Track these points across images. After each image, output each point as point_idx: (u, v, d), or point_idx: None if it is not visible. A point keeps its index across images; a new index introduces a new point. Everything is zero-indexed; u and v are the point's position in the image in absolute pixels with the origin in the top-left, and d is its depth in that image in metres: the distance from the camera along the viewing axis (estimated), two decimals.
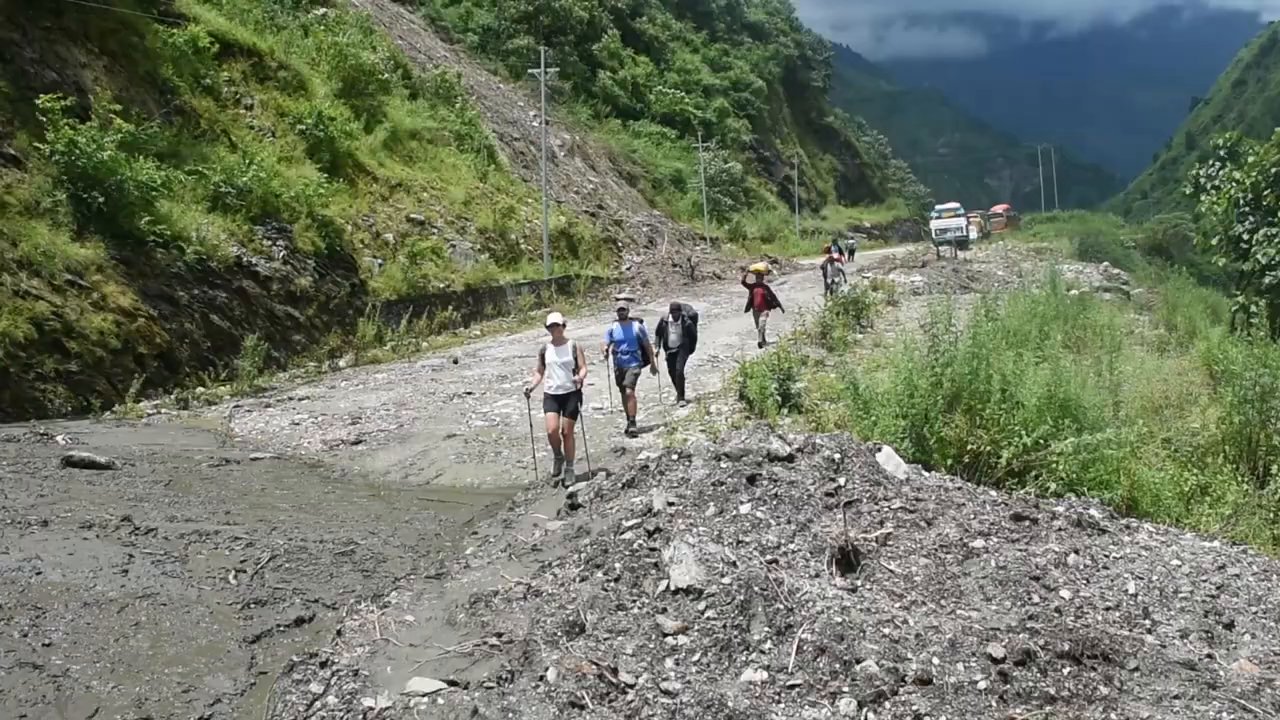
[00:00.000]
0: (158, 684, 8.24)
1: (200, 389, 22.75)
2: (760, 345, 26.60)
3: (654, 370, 19.39)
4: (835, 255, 39.51)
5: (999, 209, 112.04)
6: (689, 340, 21.34)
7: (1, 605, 8.99)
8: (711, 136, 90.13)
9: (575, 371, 15.00)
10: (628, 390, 18.58)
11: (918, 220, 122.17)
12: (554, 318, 15.52)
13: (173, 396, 21.85)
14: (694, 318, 21.82)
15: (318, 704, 7.68)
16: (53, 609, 9.14)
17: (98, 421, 19.25)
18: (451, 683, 7.62)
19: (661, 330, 21.19)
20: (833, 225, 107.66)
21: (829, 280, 37.28)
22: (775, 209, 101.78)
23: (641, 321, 19.48)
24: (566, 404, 14.96)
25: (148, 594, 9.78)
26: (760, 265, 31.50)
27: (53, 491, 12.67)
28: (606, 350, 19.05)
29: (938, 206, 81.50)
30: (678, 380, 21.12)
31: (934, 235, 70.28)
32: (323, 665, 8.31)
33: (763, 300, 28.04)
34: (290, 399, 22.60)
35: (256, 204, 28.95)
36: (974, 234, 76.04)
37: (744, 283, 29.86)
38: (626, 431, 18.26)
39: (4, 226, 21.11)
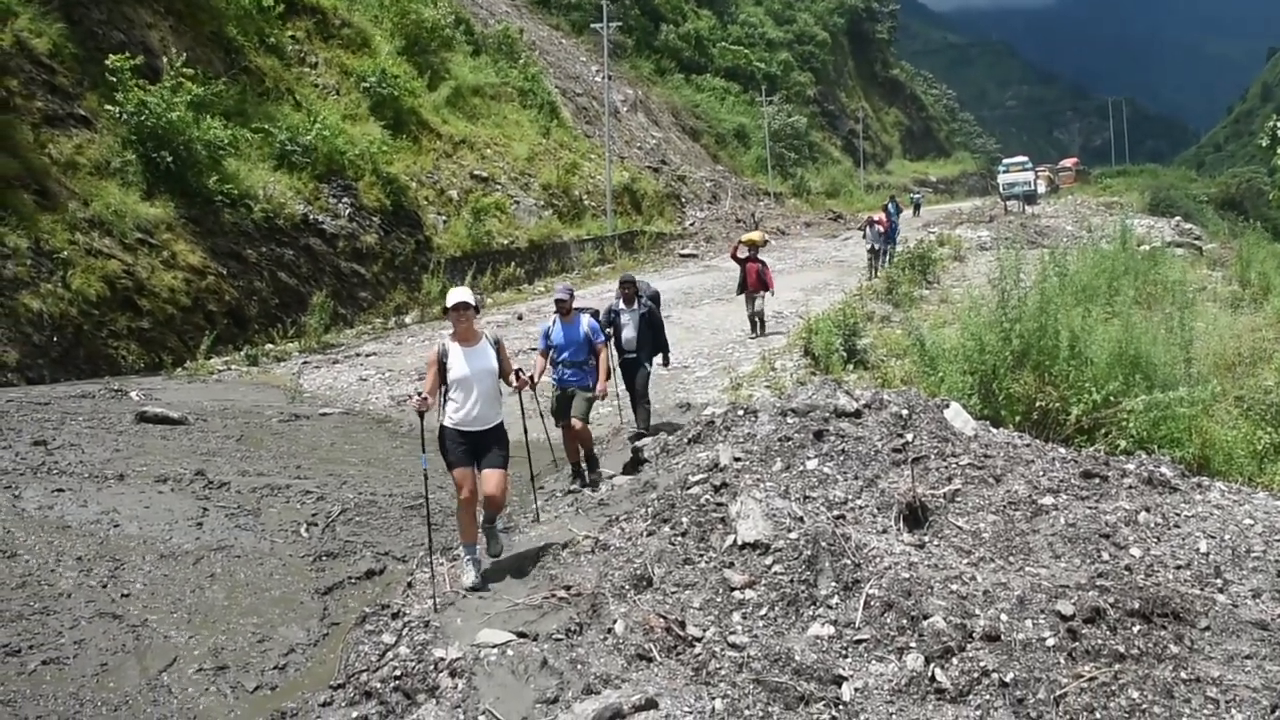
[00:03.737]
0: (233, 634, 8.42)
1: (269, 345, 23.03)
2: (754, 334, 23.08)
3: (602, 393, 12.98)
4: (877, 218, 34.63)
5: (1068, 163, 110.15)
6: (652, 335, 14.84)
7: (81, 556, 9.21)
8: (775, 90, 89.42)
9: (499, 394, 9.67)
10: (575, 423, 12.61)
11: (985, 174, 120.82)
12: (458, 295, 9.44)
13: (242, 353, 22.13)
14: (655, 298, 15.09)
15: (390, 654, 7.81)
16: (130, 560, 9.35)
17: (170, 378, 19.55)
18: (521, 634, 7.71)
19: (611, 322, 14.64)
20: (898, 179, 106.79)
21: (870, 245, 33.63)
22: (840, 163, 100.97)
23: (596, 315, 13.55)
24: (485, 447, 9.49)
25: (222, 546, 9.98)
26: (755, 235, 25.52)
27: (128, 446, 12.91)
28: (543, 366, 13.10)
29: (1005, 160, 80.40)
30: (637, 400, 14.89)
31: (1001, 189, 69.35)
32: (394, 616, 8.44)
33: (756, 278, 23.13)
34: (357, 355, 22.80)
35: (322, 162, 29.17)
36: (1042, 188, 74.91)
37: (734, 256, 24.62)
38: (570, 489, 12.45)
39: (76, 186, 21.42)
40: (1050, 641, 6.65)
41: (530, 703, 6.81)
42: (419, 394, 9.19)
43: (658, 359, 15.19)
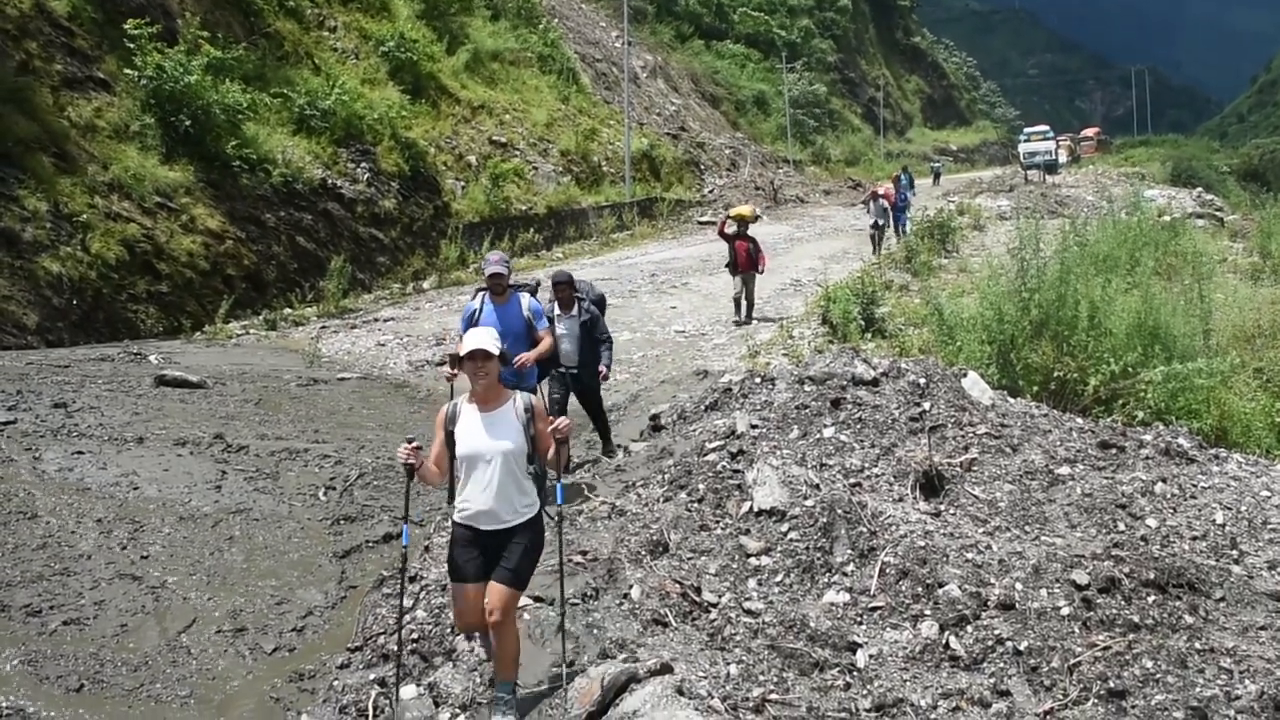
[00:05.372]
0: (252, 596, 8.50)
1: (287, 310, 23.07)
2: (739, 321, 21.03)
3: (520, 364, 9.77)
4: (882, 191, 32.35)
5: (1089, 132, 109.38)
6: (593, 344, 11.67)
7: (101, 518, 9.28)
8: (796, 57, 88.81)
9: (531, 475, 6.79)
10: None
11: (1006, 143, 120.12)
12: (477, 338, 6.62)
13: (261, 317, 22.17)
14: (600, 303, 12.20)
15: (406, 617, 7.86)
16: (150, 523, 9.42)
17: (188, 342, 19.62)
18: (537, 599, 7.76)
19: None
20: (918, 148, 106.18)
21: (875, 220, 30.65)
22: (860, 131, 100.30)
23: (534, 290, 10.79)
24: (501, 551, 6.57)
25: (241, 509, 10.04)
26: (745, 209, 22.89)
27: (147, 409, 12.97)
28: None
29: (1026, 129, 79.90)
30: (595, 419, 12.41)
31: (1022, 159, 68.97)
32: (411, 580, 8.49)
33: (747, 257, 21.11)
34: (375, 320, 22.83)
35: (340, 126, 29.11)
36: (1063, 158, 74.44)
37: (722, 233, 22.21)
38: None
39: (95, 150, 21.44)
40: (1065, 611, 6.68)
41: (547, 666, 6.86)
42: (410, 442, 6.58)
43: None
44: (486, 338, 6.60)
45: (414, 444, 6.54)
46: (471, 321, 9.86)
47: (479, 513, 6.56)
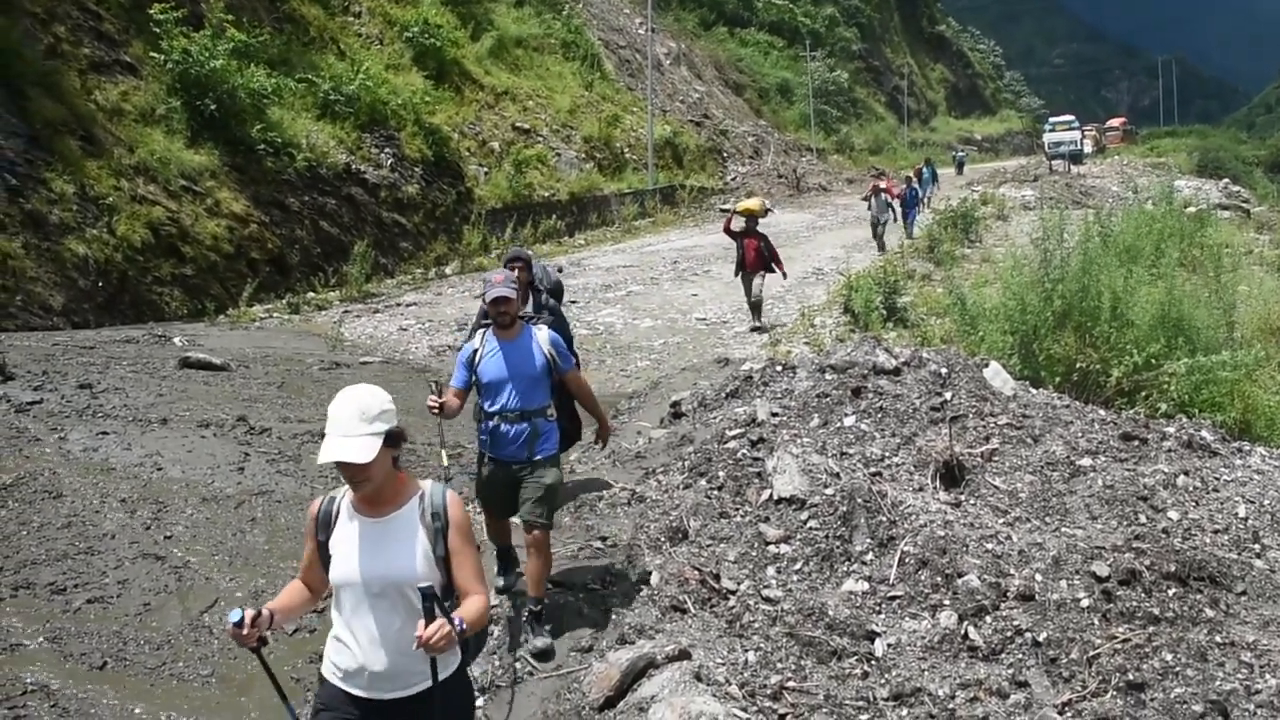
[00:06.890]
0: (273, 577, 8.54)
1: (310, 294, 23.12)
2: (755, 322, 19.20)
3: (601, 438, 8.04)
4: (884, 185, 30.82)
5: (1115, 122, 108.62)
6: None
7: (125, 499, 9.34)
8: (820, 45, 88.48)
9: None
10: (534, 533, 7.21)
11: (1030, 133, 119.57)
12: (340, 444, 4.26)
13: (284, 301, 22.25)
14: (554, 292, 9.63)
15: None
16: (173, 503, 9.47)
17: (212, 324, 19.70)
18: (557, 584, 7.78)
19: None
20: (943, 137, 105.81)
21: (875, 216, 29.37)
22: (884, 120, 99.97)
23: (559, 325, 8.82)
24: None
25: (263, 491, 10.09)
26: (753, 203, 20.45)
27: (171, 391, 13.04)
28: (456, 409, 7.27)
29: (1051, 119, 79.50)
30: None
31: (1047, 148, 68.61)
32: None
33: (756, 256, 19.10)
34: (398, 305, 22.89)
35: (364, 111, 29.20)
36: (1089, 148, 74.01)
37: (728, 229, 19.93)
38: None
39: (121, 133, 21.56)
40: (1085, 602, 6.66)
41: (565, 651, 6.90)
42: (245, 612, 4.15)
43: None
44: (354, 427, 4.32)
45: (242, 620, 4.14)
46: (470, 366, 7.31)
47: (367, 673, 4.32)
